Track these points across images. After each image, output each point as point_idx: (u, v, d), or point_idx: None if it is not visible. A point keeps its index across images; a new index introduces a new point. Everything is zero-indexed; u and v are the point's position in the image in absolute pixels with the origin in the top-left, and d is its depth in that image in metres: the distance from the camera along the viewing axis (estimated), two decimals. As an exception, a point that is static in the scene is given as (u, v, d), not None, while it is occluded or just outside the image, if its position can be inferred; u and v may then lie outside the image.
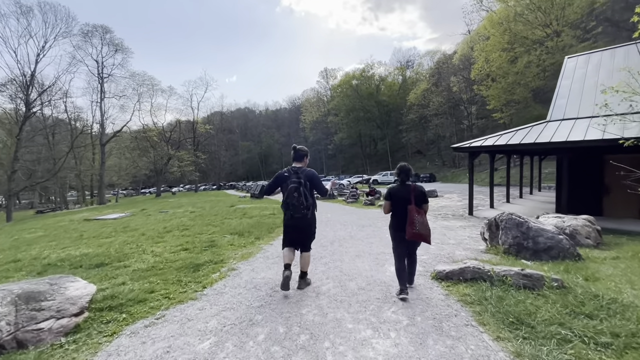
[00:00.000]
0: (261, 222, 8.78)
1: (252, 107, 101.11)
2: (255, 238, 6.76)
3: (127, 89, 34.97)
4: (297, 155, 3.88)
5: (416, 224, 3.41)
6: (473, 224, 9.01)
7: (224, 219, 10.20)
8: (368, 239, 6.67)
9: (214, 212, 13.02)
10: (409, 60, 65.98)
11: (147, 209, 18.68)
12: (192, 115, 42.76)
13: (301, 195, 3.61)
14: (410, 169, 3.73)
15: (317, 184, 3.79)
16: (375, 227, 8.33)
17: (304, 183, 3.65)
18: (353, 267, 4.71)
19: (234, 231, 7.43)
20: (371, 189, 17.97)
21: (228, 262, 5.02)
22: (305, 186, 3.66)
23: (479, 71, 29.29)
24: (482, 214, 11.03)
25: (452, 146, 11.02)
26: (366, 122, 60.47)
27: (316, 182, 3.78)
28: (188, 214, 12.72)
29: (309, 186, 3.71)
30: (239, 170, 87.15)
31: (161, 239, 7.09)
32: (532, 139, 9.46)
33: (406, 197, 3.53)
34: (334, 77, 71.89)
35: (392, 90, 62.21)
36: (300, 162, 3.87)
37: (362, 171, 56.18)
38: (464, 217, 10.51)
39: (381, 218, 10.05)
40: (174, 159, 40.45)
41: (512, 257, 4.92)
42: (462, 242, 6.45)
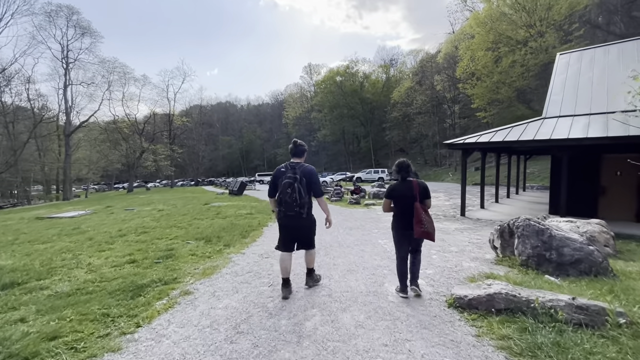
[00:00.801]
0: (235, 224, 7.67)
1: (233, 102, 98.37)
2: (224, 245, 5.72)
3: (96, 77, 32.35)
4: (297, 150, 3.62)
5: (424, 221, 3.29)
6: (468, 226, 8.28)
7: (193, 219, 9.01)
8: (359, 247, 5.74)
9: (184, 210, 11.74)
10: (392, 59, 65.81)
11: (112, 206, 17.02)
12: (168, 107, 40.41)
13: (294, 192, 3.36)
14: (410, 164, 3.52)
15: (314, 182, 3.51)
16: (364, 230, 7.42)
17: (299, 179, 3.41)
18: (345, 287, 3.75)
19: (201, 236, 6.34)
20: (356, 187, 17.13)
21: (183, 282, 3.93)
22: (301, 182, 3.41)
23: (464, 69, 29.06)
24: (474, 214, 10.39)
25: (445, 142, 10.28)
26: (350, 119, 59.83)
27: (313, 180, 3.51)
28: (155, 213, 11.37)
29: (305, 183, 3.44)
30: (219, 165, 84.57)
31: (109, 245, 5.85)
32: (530, 135, 8.82)
33: (410, 194, 3.36)
34: (317, 73, 70.83)
35: (376, 87, 61.83)
36: (299, 157, 3.62)
37: (345, 168, 55.64)
38: (457, 218, 9.81)
39: (369, 219, 9.17)
40: (148, 153, 38.11)
41: (531, 270, 4.11)
42: (464, 249, 5.63)
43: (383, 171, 36.38)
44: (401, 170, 3.48)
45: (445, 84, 41.57)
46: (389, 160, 57.47)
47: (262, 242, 6.17)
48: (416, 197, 3.33)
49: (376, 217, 9.77)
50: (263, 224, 8.01)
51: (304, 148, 3.69)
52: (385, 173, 35.88)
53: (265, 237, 6.53)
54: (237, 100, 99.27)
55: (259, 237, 6.61)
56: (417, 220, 3.26)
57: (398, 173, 3.54)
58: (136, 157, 36.01)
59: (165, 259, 4.82)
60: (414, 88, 49.65)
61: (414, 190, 3.36)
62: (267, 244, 5.92)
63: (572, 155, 9.88)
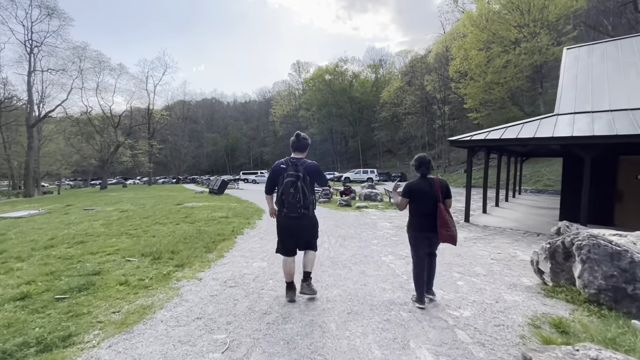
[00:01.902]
0: (202, 232, 6.24)
1: (219, 98, 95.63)
2: (176, 265, 4.22)
3: (66, 64, 29.70)
4: (300, 144, 3.27)
5: (450, 224, 3.03)
6: (478, 235, 7.13)
7: (154, 223, 7.50)
8: (358, 266, 4.43)
9: (150, 212, 10.16)
10: (381, 59, 65.08)
11: (73, 204, 15.16)
12: (147, 100, 38.00)
13: (298, 192, 3.04)
14: (430, 160, 3.24)
15: (319, 177, 3.24)
16: (361, 240, 6.13)
17: (302, 177, 3.08)
18: (349, 355, 2.35)
19: (151, 250, 4.85)
20: (346, 187, 15.87)
21: (78, 344, 2.39)
22: (304, 181, 3.09)
23: (457, 68, 28.29)
24: (478, 220, 9.29)
25: (450, 139, 9.13)
26: (338, 119, 58.70)
27: (317, 176, 3.22)
28: (113, 215, 9.75)
29: (309, 181, 3.15)
30: (203, 163, 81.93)
31: (18, 263, 4.26)
32: (547, 132, 7.76)
33: (431, 192, 3.09)
34: (306, 71, 69.48)
35: (365, 87, 61.04)
36: (301, 152, 3.30)
37: (333, 168, 54.51)
38: (461, 224, 8.67)
39: (364, 226, 7.89)
40: (125, 147, 35.68)
41: (607, 310, 2.91)
42: (492, 270, 4.41)
43: (372, 171, 35.30)
44: (421, 165, 3.14)
45: (435, 84, 40.95)
46: (377, 160, 56.77)
47: (232, 259, 4.82)
48: (438, 196, 3.06)
49: (371, 222, 8.51)
50: (238, 232, 6.61)
51: (308, 142, 3.32)
52: (375, 173, 34.83)
53: (237, 252, 5.19)
54: (223, 96, 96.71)
55: (229, 250, 5.24)
56: (442, 223, 3.00)
57: (418, 169, 3.17)
58: (110, 152, 33.53)
59: (78, 291, 3.26)
60: (403, 88, 48.99)
61: (435, 188, 3.07)
62: (237, 262, 4.60)
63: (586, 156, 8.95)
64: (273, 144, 72.33)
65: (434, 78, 40.95)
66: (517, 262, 4.84)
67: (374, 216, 9.81)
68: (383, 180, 36.90)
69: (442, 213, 2.99)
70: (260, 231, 6.83)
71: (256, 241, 5.83)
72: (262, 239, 6.01)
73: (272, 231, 6.81)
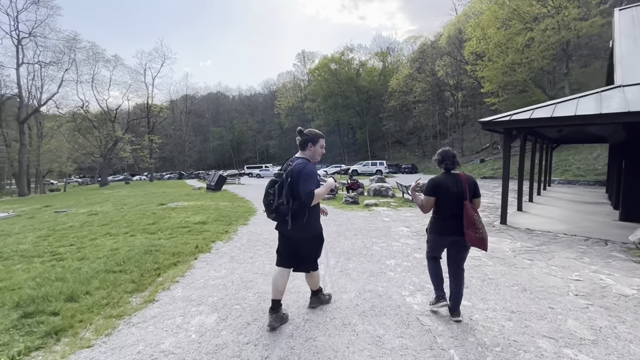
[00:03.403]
0: (155, 249, 4.58)
1: (224, 91, 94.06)
2: (46, 334, 2.44)
3: (57, 55, 28.24)
4: (300, 142, 2.77)
5: (479, 224, 2.57)
6: (526, 244, 5.35)
7: (104, 234, 5.91)
8: (369, 321, 2.72)
9: (120, 215, 8.67)
10: (389, 47, 62.26)
11: (52, 205, 13.86)
12: (145, 93, 36.50)
13: (274, 194, 2.55)
14: (455, 154, 2.82)
15: (296, 183, 2.50)
16: (371, 258, 4.44)
17: (284, 179, 2.55)
18: None
19: (37, 293, 3.07)
20: (353, 181, 14.13)
21: None
22: (286, 181, 2.53)
23: (473, 48, 25.96)
24: (517, 221, 7.49)
25: (482, 120, 7.26)
26: (345, 109, 56.53)
27: (295, 180, 2.51)
28: (78, 219, 8.28)
29: (289, 184, 2.52)
30: (210, 158, 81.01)
31: None
32: (618, 107, 5.87)
33: (457, 190, 2.65)
34: (311, 61, 67.24)
35: (373, 75, 58.61)
36: (302, 150, 2.76)
37: (340, 161, 52.63)
38: (498, 228, 6.90)
39: (376, 232, 6.17)
40: (124, 143, 34.43)
41: None
42: (598, 329, 2.67)
43: (381, 163, 33.32)
44: (445, 160, 2.76)
45: (448, 69, 38.47)
46: (386, 152, 54.62)
47: (164, 308, 3.02)
48: (466, 194, 2.62)
49: (383, 226, 6.80)
50: (205, 247, 4.92)
51: (308, 138, 2.72)
52: (384, 165, 32.88)
53: (182, 289, 3.42)
54: (228, 89, 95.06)
55: (171, 287, 3.46)
56: (470, 224, 2.55)
57: (440, 163, 2.81)
58: (109, 148, 32.31)
59: None
60: (412, 75, 46.51)
61: (462, 185, 2.64)
62: (166, 318, 2.82)
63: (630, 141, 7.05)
64: (279, 137, 70.70)
65: (446, 62, 38.48)
66: (620, 300, 3.09)
67: (387, 217, 8.08)
68: (393, 172, 34.98)
69: (469, 212, 2.58)
70: (236, 245, 5.17)
71: (222, 264, 4.20)
72: (232, 260, 4.36)
73: (252, 246, 5.17)
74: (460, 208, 2.62)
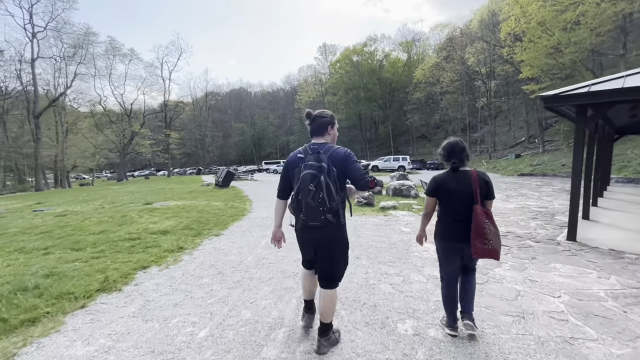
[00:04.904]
0: (40, 285, 3.02)
1: (246, 87, 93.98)
2: None
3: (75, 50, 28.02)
4: (315, 126, 2.24)
5: (488, 234, 2.14)
6: (633, 283, 3.32)
7: (15, 251, 4.49)
8: None
9: (87, 217, 7.39)
10: (414, 37, 58.81)
11: (45, 202, 13.06)
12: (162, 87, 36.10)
13: (321, 190, 2.00)
14: (466, 147, 2.33)
15: (352, 169, 2.08)
16: (374, 316, 2.68)
17: (326, 169, 2.03)
18: None
19: None
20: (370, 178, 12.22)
21: None
22: (329, 174, 2.02)
23: (511, 29, 22.98)
24: (589, 235, 5.37)
25: (544, 95, 5.15)
26: (367, 102, 54.08)
27: (350, 166, 2.09)
28: (38, 220, 7.08)
29: (336, 174, 2.05)
30: (231, 153, 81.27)
31: None
32: None
33: (464, 190, 2.23)
34: (333, 54, 64.94)
35: (396, 67, 55.70)
36: (320, 135, 2.24)
37: (362, 157, 50.35)
38: (562, 245, 4.90)
39: (388, 251, 4.33)
40: (140, 138, 34.20)
41: None
42: None
43: (404, 159, 30.90)
44: (452, 155, 2.30)
45: (480, 55, 35.18)
46: (410, 147, 51.77)
47: None
48: (476, 195, 2.19)
49: (401, 242, 4.96)
50: (112, 285, 3.05)
51: (327, 119, 2.24)
52: (407, 161, 30.47)
53: None
54: (249, 85, 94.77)
55: None
56: (478, 233, 2.13)
57: (447, 159, 2.33)
58: (125, 142, 32.16)
59: None
60: (440, 65, 43.37)
61: (472, 185, 2.20)
62: None
63: None
64: (299, 132, 69.30)
65: (477, 49, 35.22)
66: None
67: (406, 225, 6.21)
68: (417, 168, 32.48)
69: (478, 217, 2.13)
70: (173, 276, 3.47)
71: (102, 331, 2.46)
72: (133, 319, 2.63)
73: (196, 277, 3.52)
74: (468, 211, 2.19)
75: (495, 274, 3.62)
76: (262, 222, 6.70)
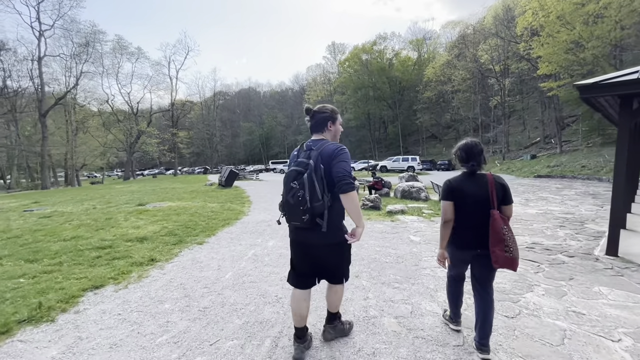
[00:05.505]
0: None
1: (255, 87, 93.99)
2: None
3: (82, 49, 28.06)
4: (314, 122, 2.12)
5: (508, 241, 1.95)
6: None
7: None
8: None
9: (71, 219, 6.90)
10: (425, 36, 57.50)
11: (42, 201, 12.74)
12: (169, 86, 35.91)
13: (303, 188, 1.82)
14: (483, 149, 2.15)
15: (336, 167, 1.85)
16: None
17: (313, 167, 1.86)
18: None
19: None
20: (375, 179, 11.50)
21: None
22: (316, 172, 1.86)
23: (528, 22, 21.86)
24: (633, 249, 4.55)
25: (580, 83, 4.37)
26: (376, 102, 53.12)
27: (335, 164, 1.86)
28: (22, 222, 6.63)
29: (323, 172, 1.87)
30: (240, 153, 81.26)
31: None
32: None
33: (480, 195, 2.05)
34: (342, 53, 64.17)
35: (406, 65, 54.55)
36: (319, 132, 2.11)
37: (370, 157, 49.40)
38: (601, 261, 4.16)
39: (393, 269, 3.62)
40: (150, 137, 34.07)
41: None
42: None
43: (414, 159, 29.93)
44: (470, 158, 2.09)
45: (493, 52, 33.96)
46: (420, 147, 50.59)
47: None
48: (492, 200, 2.03)
49: (409, 255, 4.26)
50: (66, 301, 2.71)
51: (327, 115, 2.11)
52: (417, 161, 29.50)
53: None
54: (258, 85, 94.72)
55: None
56: (497, 239, 1.94)
57: (466, 162, 2.11)
58: (132, 141, 32.06)
59: None
60: (451, 63, 42.13)
61: (488, 189, 2.03)
62: None
63: None
64: (307, 131, 67.57)
65: (491, 46, 34.00)
66: None
67: (415, 233, 5.49)
68: (427, 169, 31.46)
69: (496, 223, 1.95)
70: (128, 300, 2.82)
71: None
72: None
73: (152, 305, 2.87)
74: (484, 217, 2.01)
75: (528, 302, 2.89)
76: (255, 228, 6.07)
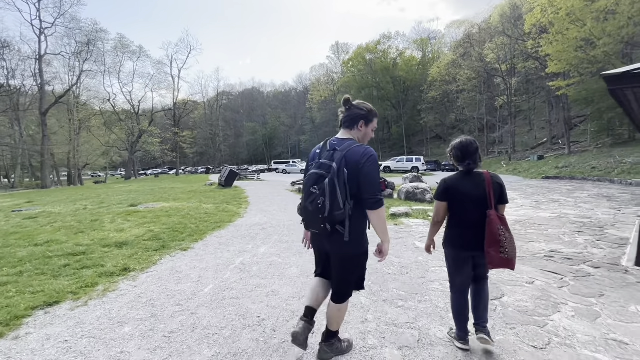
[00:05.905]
0: None
1: (258, 87, 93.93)
2: None
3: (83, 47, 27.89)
4: (347, 116, 1.88)
5: (504, 242, 1.93)
6: None
7: None
8: None
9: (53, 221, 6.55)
10: (430, 35, 56.95)
11: (33, 201, 12.46)
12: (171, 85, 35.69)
13: (324, 194, 1.62)
14: (479, 147, 2.12)
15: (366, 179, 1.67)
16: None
17: (336, 171, 1.65)
18: None
19: None
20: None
21: None
22: (339, 176, 1.64)
23: (536, 20, 21.28)
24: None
25: (609, 73, 3.88)
26: (380, 102, 52.62)
27: (365, 173, 1.66)
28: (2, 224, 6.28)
29: (347, 178, 1.66)
30: (243, 153, 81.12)
31: None
32: None
33: (477, 194, 2.01)
34: (345, 52, 63.76)
35: (411, 65, 54.05)
36: (348, 129, 1.89)
37: (374, 157, 48.81)
38: (632, 273, 3.64)
39: (405, 276, 3.17)
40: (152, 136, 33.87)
41: None
42: None
43: (418, 159, 29.42)
44: (467, 155, 2.06)
45: (499, 51, 33.33)
46: (424, 147, 50.02)
47: None
48: (489, 200, 1.98)
49: (414, 265, 3.82)
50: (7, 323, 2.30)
51: (362, 113, 1.86)
52: (421, 162, 28.99)
53: None
54: (261, 85, 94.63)
55: None
56: (492, 240, 1.93)
57: (462, 161, 2.09)
58: (133, 140, 31.87)
59: None
60: (456, 62, 41.51)
61: (485, 188, 2.00)
62: None
63: None
64: (310, 131, 68.39)
65: (497, 44, 33.37)
66: None
67: (421, 241, 5.04)
68: (431, 169, 30.96)
69: (493, 225, 1.92)
70: (82, 322, 2.37)
71: None
72: None
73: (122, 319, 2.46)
74: (480, 217, 1.99)
75: (558, 327, 2.43)
76: (247, 232, 5.65)
